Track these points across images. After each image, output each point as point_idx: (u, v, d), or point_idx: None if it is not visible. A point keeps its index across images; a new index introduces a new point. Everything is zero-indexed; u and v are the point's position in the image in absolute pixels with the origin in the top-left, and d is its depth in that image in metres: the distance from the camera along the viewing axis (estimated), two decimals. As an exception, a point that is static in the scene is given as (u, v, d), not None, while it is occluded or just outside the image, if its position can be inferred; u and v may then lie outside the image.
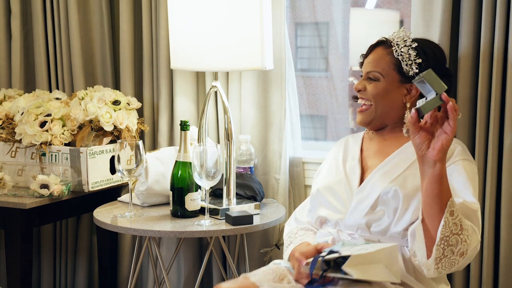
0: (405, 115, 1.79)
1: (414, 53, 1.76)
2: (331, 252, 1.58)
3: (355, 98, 1.90)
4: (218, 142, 2.54)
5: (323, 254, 1.60)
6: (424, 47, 1.79)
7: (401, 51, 1.77)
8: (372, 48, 1.85)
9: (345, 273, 1.53)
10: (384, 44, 1.82)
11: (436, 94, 1.45)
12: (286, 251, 1.85)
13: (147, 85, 2.63)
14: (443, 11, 2.04)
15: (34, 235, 2.81)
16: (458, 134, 2.08)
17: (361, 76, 1.86)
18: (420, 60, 1.76)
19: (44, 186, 2.26)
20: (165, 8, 2.45)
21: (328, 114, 2.66)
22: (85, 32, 2.70)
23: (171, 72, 2.57)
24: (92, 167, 2.37)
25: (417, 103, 1.50)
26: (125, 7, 2.61)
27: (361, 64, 1.89)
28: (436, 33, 2.06)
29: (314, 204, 1.89)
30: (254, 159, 2.47)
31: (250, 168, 2.45)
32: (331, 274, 1.57)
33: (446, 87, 1.46)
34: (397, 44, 1.78)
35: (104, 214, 2.24)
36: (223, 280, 2.58)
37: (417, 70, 1.75)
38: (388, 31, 1.85)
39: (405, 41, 1.78)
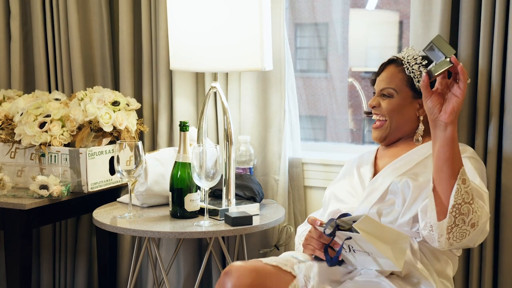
0: (419, 127, 1.87)
1: (425, 71, 1.79)
2: (344, 215, 1.63)
3: (368, 113, 1.97)
4: (218, 143, 2.54)
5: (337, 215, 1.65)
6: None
7: (413, 69, 1.84)
8: (384, 66, 1.92)
9: (355, 231, 1.56)
10: (395, 62, 1.89)
11: (445, 58, 1.49)
12: (298, 249, 1.91)
13: (147, 86, 2.63)
14: (442, 12, 2.04)
15: (34, 235, 2.81)
16: (458, 136, 2.08)
17: (374, 93, 1.94)
18: (417, 71, 1.84)
19: (44, 187, 2.26)
20: (164, 9, 2.45)
21: (328, 115, 2.66)
22: (85, 33, 2.70)
23: (170, 73, 2.57)
24: (92, 168, 2.37)
25: (428, 68, 1.54)
26: (124, 8, 2.61)
27: (373, 81, 1.96)
28: (435, 34, 2.06)
29: (326, 204, 1.96)
30: (253, 160, 2.47)
31: (250, 169, 2.45)
32: (342, 232, 1.59)
33: (454, 50, 1.50)
34: (408, 62, 1.86)
35: (103, 215, 2.24)
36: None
37: None
38: (388, 32, 1.86)
39: (415, 59, 1.85)
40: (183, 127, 2.17)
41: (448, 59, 1.49)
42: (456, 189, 1.52)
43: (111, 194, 2.55)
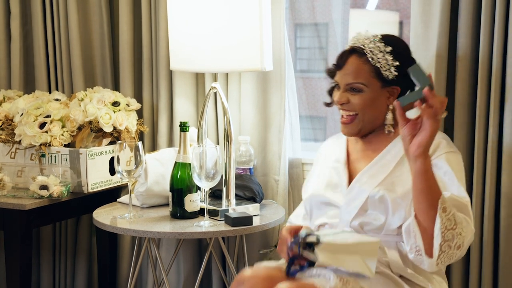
0: (387, 117, 1.78)
1: (391, 58, 1.74)
2: (311, 234, 1.61)
3: (328, 104, 1.90)
4: (218, 143, 2.53)
5: (303, 233, 1.62)
6: (396, 48, 1.76)
7: (378, 59, 1.74)
8: (345, 58, 1.78)
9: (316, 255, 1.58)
10: (356, 52, 1.77)
11: (420, 88, 1.47)
12: None
13: (147, 86, 2.62)
14: (442, 12, 2.04)
15: (34, 236, 2.81)
16: (457, 135, 2.08)
17: (335, 86, 1.82)
18: (397, 63, 1.74)
19: (44, 187, 2.26)
20: (164, 9, 2.45)
21: (328, 115, 2.66)
22: (85, 33, 2.70)
23: (170, 73, 2.57)
24: (92, 168, 2.37)
25: (401, 97, 1.53)
26: (124, 8, 2.61)
27: (332, 74, 1.83)
28: (435, 34, 2.07)
29: (308, 209, 1.91)
30: (253, 160, 2.47)
31: (250, 169, 2.45)
32: (306, 254, 1.60)
33: (429, 81, 1.46)
34: (371, 51, 1.74)
35: (103, 215, 2.24)
36: (222, 281, 2.58)
37: (396, 73, 1.74)
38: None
39: (378, 46, 1.74)
40: (183, 127, 2.17)
41: (421, 89, 1.45)
42: (439, 220, 1.50)
43: (111, 195, 2.55)
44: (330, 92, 1.90)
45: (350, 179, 1.81)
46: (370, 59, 1.74)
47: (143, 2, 2.57)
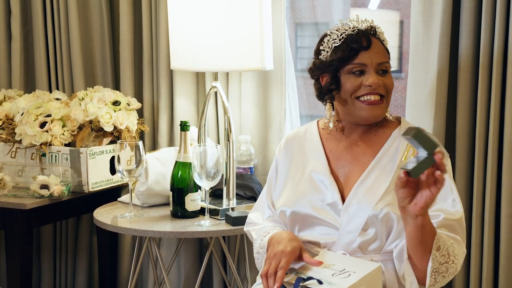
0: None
1: (387, 41, 1.71)
2: (311, 278, 1.53)
3: (331, 95, 1.70)
4: (218, 143, 2.53)
5: (302, 275, 1.54)
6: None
7: (384, 37, 1.70)
8: (369, 38, 1.65)
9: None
10: (370, 33, 1.67)
11: (428, 154, 1.35)
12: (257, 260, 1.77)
13: (147, 85, 2.62)
14: (443, 12, 2.04)
15: (34, 235, 2.81)
16: (459, 135, 2.08)
17: (355, 73, 1.64)
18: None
19: (44, 186, 2.26)
20: (165, 8, 2.45)
21: (328, 114, 2.65)
22: (85, 32, 2.70)
23: (171, 73, 2.57)
24: (92, 168, 2.37)
25: (407, 163, 1.38)
26: (125, 7, 2.61)
27: (354, 55, 1.64)
28: (436, 34, 2.06)
29: (287, 221, 1.72)
30: (254, 159, 2.47)
31: (250, 168, 2.45)
32: None
33: (439, 144, 1.35)
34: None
35: (104, 215, 2.24)
36: (223, 281, 2.58)
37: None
38: (388, 31, 1.82)
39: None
40: (184, 126, 2.17)
41: (431, 157, 1.34)
42: (432, 259, 1.47)
43: (111, 194, 2.55)
44: (329, 87, 1.68)
45: (340, 188, 1.67)
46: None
47: (144, 1, 2.57)
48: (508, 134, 1.98)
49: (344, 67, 1.65)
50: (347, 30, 1.67)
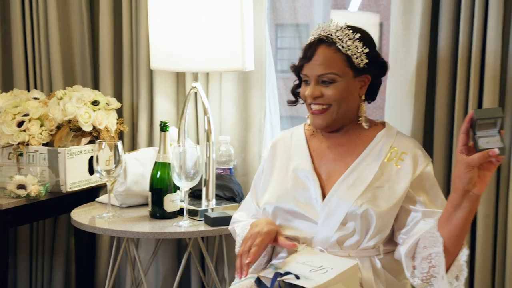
0: (362, 108, 1.72)
1: (360, 44, 1.67)
2: (289, 273, 1.54)
3: (292, 102, 1.83)
4: (198, 143, 2.53)
5: (280, 270, 1.55)
6: (364, 35, 1.70)
7: (348, 46, 1.66)
8: (313, 49, 1.69)
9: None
10: (324, 42, 1.68)
11: (498, 132, 1.37)
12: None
13: (127, 85, 2.61)
14: (422, 14, 2.05)
15: (11, 236, 2.78)
16: (437, 136, 2.10)
17: (304, 81, 1.72)
18: (367, 50, 1.67)
19: (21, 186, 2.24)
20: (145, 8, 2.43)
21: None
22: (64, 31, 2.68)
23: (151, 73, 2.56)
24: (70, 168, 2.35)
25: (486, 143, 1.39)
26: (105, 6, 2.59)
27: (298, 69, 1.73)
28: (415, 36, 2.08)
29: (269, 217, 1.75)
30: (233, 160, 2.47)
31: (230, 169, 2.45)
32: None
33: (500, 108, 1.40)
34: (340, 39, 1.66)
35: (82, 215, 2.22)
36: (201, 282, 2.57)
37: (367, 60, 1.67)
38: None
39: (347, 34, 1.67)
40: (163, 127, 2.16)
41: (498, 128, 1.37)
42: (466, 252, 1.53)
43: (89, 194, 2.53)
44: (294, 90, 1.81)
45: (322, 185, 1.71)
46: (340, 47, 1.66)
47: (124, 1, 2.56)
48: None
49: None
50: (311, 37, 1.73)
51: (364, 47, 1.68)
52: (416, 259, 1.56)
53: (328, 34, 1.68)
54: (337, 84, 1.67)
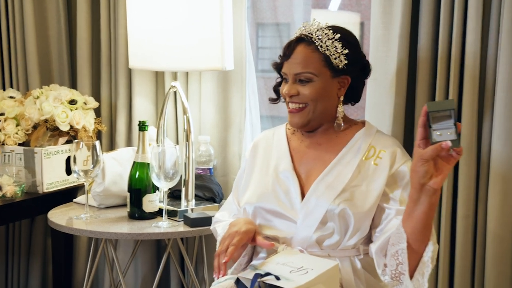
0: (338, 110, 1.72)
1: (340, 45, 1.66)
2: (269, 274, 1.53)
3: (274, 100, 1.83)
4: (177, 143, 2.51)
5: (260, 271, 1.55)
6: (345, 36, 1.70)
7: (327, 46, 1.66)
8: (293, 47, 1.70)
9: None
10: (304, 41, 1.69)
11: (454, 125, 1.35)
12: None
13: (105, 84, 2.59)
14: (402, 14, 2.06)
15: (-14, 237, 2.75)
16: (416, 138, 2.10)
17: (284, 79, 1.74)
18: (347, 51, 1.67)
19: (-4, 187, 2.21)
20: (124, 5, 2.41)
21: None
22: (41, 28, 2.64)
23: (129, 72, 2.54)
24: (47, 168, 2.33)
25: (440, 135, 1.37)
26: (82, 3, 2.57)
27: (278, 66, 1.75)
28: (395, 35, 2.08)
29: (250, 216, 1.75)
30: (213, 160, 2.45)
31: (210, 169, 2.43)
32: None
33: (453, 101, 1.38)
34: (319, 39, 1.67)
35: (59, 216, 2.20)
36: (181, 283, 2.55)
37: (346, 62, 1.67)
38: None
39: (326, 34, 1.67)
40: (142, 126, 2.15)
41: (454, 121, 1.34)
42: (432, 248, 1.49)
43: (67, 195, 2.51)
44: (276, 88, 1.82)
45: (301, 184, 1.71)
46: (319, 47, 1.67)
47: (102, -2, 2.53)
48: (465, 136, 2.00)
49: None
50: (294, 35, 1.75)
51: (344, 47, 1.68)
52: (387, 257, 1.56)
53: (309, 33, 1.70)
54: (314, 83, 1.68)
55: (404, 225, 1.50)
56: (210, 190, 2.31)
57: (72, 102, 2.40)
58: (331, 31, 1.68)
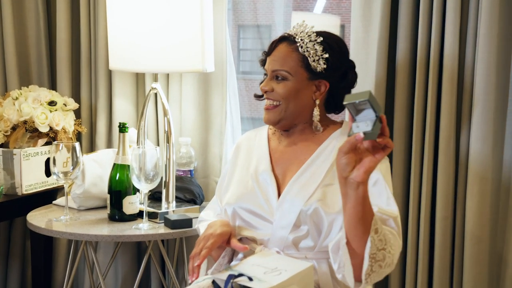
0: (314, 113, 1.72)
1: (321, 48, 1.67)
2: (242, 275, 1.53)
3: (259, 96, 1.83)
4: (158, 145, 2.50)
5: (234, 272, 1.55)
6: (329, 40, 1.70)
7: (307, 47, 1.68)
8: (275, 44, 1.74)
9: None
10: (287, 40, 1.71)
11: (376, 117, 1.33)
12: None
13: (85, 85, 2.57)
14: (381, 17, 2.07)
15: (-36, 240, 2.71)
16: (396, 139, 2.12)
17: (265, 74, 1.77)
18: (327, 55, 1.68)
19: (-25, 189, 2.19)
20: (104, 7, 2.40)
21: (269, 117, 2.66)
22: (20, 29, 2.62)
23: (109, 73, 2.52)
24: (26, 169, 2.31)
25: (357, 127, 1.35)
26: (62, 4, 2.55)
27: (263, 62, 1.78)
28: (375, 38, 2.10)
29: (229, 217, 1.75)
30: (194, 162, 2.45)
31: (190, 171, 2.43)
32: None
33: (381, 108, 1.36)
34: (301, 40, 1.69)
35: (38, 218, 2.18)
36: (161, 285, 2.54)
37: (324, 66, 1.68)
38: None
39: (309, 36, 1.69)
40: (122, 128, 2.14)
41: (379, 119, 1.33)
42: (370, 242, 1.42)
43: (46, 197, 2.49)
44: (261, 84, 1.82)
45: (278, 185, 1.71)
46: (299, 47, 1.68)
47: (82, -1, 2.52)
48: (444, 138, 2.02)
49: None
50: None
51: (325, 51, 1.68)
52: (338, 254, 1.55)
53: (294, 33, 1.71)
54: (288, 82, 1.70)
55: (344, 221, 1.48)
56: (191, 192, 2.31)
57: (52, 103, 2.38)
58: (315, 34, 1.70)
